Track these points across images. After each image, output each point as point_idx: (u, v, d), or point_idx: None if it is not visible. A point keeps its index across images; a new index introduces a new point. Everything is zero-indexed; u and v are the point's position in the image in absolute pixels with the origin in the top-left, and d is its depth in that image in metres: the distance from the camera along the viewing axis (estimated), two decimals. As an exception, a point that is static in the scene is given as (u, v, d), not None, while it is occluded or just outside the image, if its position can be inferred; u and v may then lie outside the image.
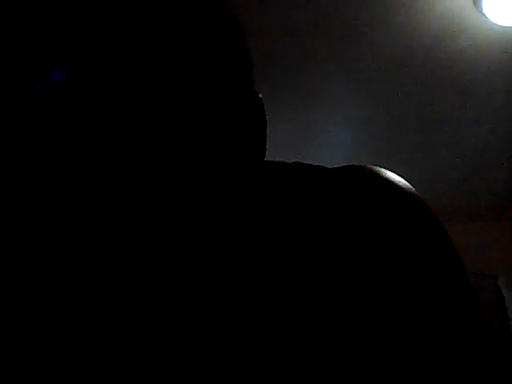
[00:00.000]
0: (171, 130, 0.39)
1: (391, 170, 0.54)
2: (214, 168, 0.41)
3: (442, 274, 0.48)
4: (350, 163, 0.55)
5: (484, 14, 2.10)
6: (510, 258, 3.34)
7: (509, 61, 2.35)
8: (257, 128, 0.47)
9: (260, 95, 0.49)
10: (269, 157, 0.52)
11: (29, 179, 0.38)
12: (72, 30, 0.38)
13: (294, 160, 0.56)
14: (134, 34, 0.39)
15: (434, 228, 0.50)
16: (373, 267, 0.47)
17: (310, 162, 0.55)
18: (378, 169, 0.53)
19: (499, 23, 2.14)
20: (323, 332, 0.46)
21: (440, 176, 3.13)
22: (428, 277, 0.48)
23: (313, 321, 0.46)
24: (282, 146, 2.74)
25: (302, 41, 2.25)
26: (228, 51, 0.44)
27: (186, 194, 0.40)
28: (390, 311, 0.46)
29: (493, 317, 3.09)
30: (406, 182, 0.53)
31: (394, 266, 0.47)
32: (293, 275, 0.47)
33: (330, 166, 0.55)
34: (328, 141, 2.87)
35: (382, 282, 0.47)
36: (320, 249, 0.48)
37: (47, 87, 0.37)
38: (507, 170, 3.08)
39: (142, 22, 0.39)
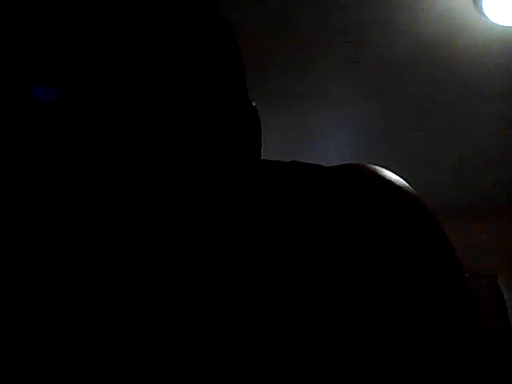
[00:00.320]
0: (165, 137, 0.39)
1: (390, 170, 0.53)
2: (209, 170, 0.41)
3: (439, 274, 0.48)
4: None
5: (484, 14, 2.10)
6: (509, 258, 3.34)
7: (509, 61, 2.35)
8: (250, 134, 0.47)
9: (254, 103, 0.49)
10: (269, 156, 0.52)
11: (24, 186, 0.38)
12: (55, 44, 0.38)
13: (294, 160, 0.56)
14: (124, 44, 0.39)
15: (430, 227, 0.50)
16: (369, 267, 0.47)
17: (309, 162, 0.55)
18: (374, 167, 0.53)
19: (499, 23, 2.14)
20: (322, 332, 0.46)
21: (440, 176, 3.13)
22: (425, 276, 0.47)
23: (312, 320, 0.46)
24: (282, 145, 2.74)
25: (302, 41, 2.25)
26: (221, 60, 0.44)
27: (183, 196, 0.40)
28: (387, 311, 0.46)
29: (492, 317, 3.09)
30: (403, 181, 0.53)
31: (390, 265, 0.47)
32: (290, 274, 0.47)
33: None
34: (328, 141, 2.88)
35: (379, 282, 0.47)
36: (317, 247, 0.48)
37: (30, 106, 0.37)
38: (507, 170, 3.08)
39: (133, 31, 0.39)
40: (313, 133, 2.80)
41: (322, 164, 0.55)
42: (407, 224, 0.49)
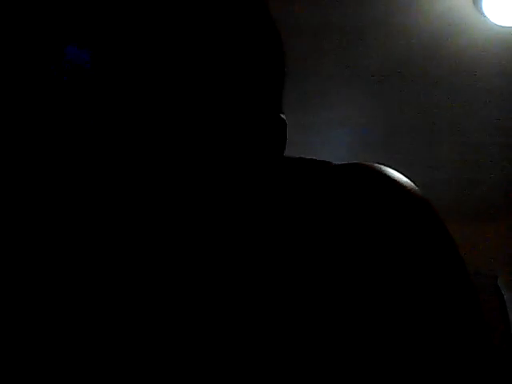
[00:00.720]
0: (186, 133, 0.39)
1: (392, 170, 0.54)
2: (220, 171, 0.41)
3: (443, 273, 0.48)
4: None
5: (484, 14, 2.10)
6: (509, 258, 3.34)
7: (509, 61, 2.35)
8: (272, 143, 0.47)
9: (283, 116, 0.50)
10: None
11: (33, 172, 0.38)
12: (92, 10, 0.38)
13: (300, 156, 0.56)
14: (162, 36, 0.38)
15: (436, 226, 0.50)
16: (375, 265, 0.47)
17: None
18: (381, 167, 0.53)
19: (499, 23, 2.14)
20: (324, 330, 0.46)
21: (440, 176, 3.13)
22: (429, 275, 0.48)
23: (314, 319, 0.46)
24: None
25: (302, 41, 2.25)
26: (262, 68, 0.45)
27: (189, 198, 0.40)
28: (390, 309, 0.46)
29: (493, 317, 3.09)
30: (409, 181, 0.53)
31: (396, 264, 0.47)
32: (295, 271, 0.47)
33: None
34: (328, 141, 2.87)
35: (384, 280, 0.47)
36: (322, 245, 0.48)
37: (62, 66, 0.36)
38: (507, 170, 3.08)
39: (175, 26, 0.39)
40: (312, 132, 2.80)
41: (317, 159, 0.55)
42: (412, 224, 0.49)
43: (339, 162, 0.55)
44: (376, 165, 0.53)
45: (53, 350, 0.41)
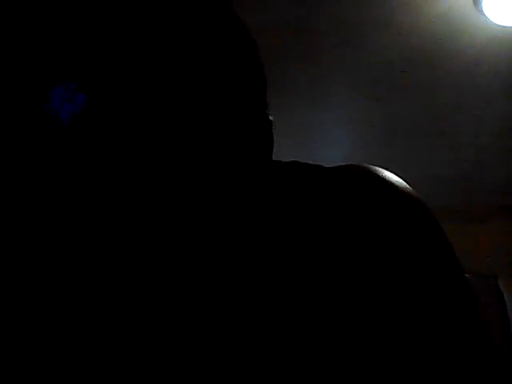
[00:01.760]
0: (177, 142, 0.39)
1: (390, 171, 0.53)
2: (214, 174, 0.41)
3: (438, 274, 0.48)
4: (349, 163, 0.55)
5: (484, 14, 2.10)
6: (510, 258, 3.34)
7: (509, 61, 2.35)
8: (260, 144, 0.47)
9: (271, 117, 0.49)
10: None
11: (30, 184, 0.38)
12: (73, 44, 0.38)
13: (293, 160, 0.56)
14: (141, 49, 0.39)
15: (431, 227, 0.50)
16: (370, 267, 0.47)
17: (308, 161, 0.55)
18: (375, 168, 0.53)
19: (499, 23, 2.14)
20: (322, 331, 0.46)
21: (440, 176, 3.13)
22: (425, 276, 0.48)
23: (311, 320, 0.46)
24: (282, 145, 2.74)
25: (302, 42, 2.25)
26: (241, 71, 0.45)
27: (187, 197, 0.40)
28: (386, 311, 0.46)
29: (492, 317, 3.09)
30: (403, 182, 0.53)
31: (390, 266, 0.47)
32: (290, 274, 0.47)
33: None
34: (328, 141, 2.88)
35: (379, 282, 0.47)
36: (317, 247, 0.48)
37: (50, 105, 0.37)
38: (507, 170, 3.08)
39: (151, 39, 0.39)
40: (312, 132, 2.81)
41: (322, 163, 0.55)
42: (407, 225, 0.49)
43: (336, 164, 0.55)
44: (369, 166, 0.53)
45: (52, 350, 0.41)
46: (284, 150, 2.55)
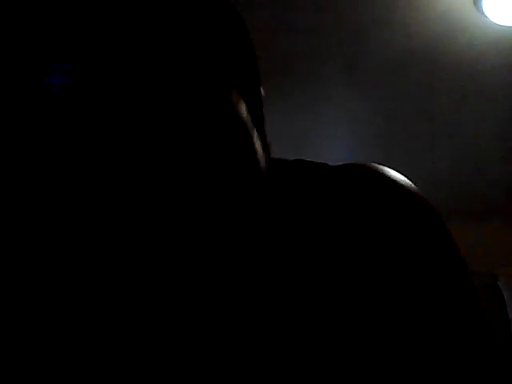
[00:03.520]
0: (172, 125, 0.39)
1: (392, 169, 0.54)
2: (210, 168, 0.41)
3: (443, 272, 0.48)
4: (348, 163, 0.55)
5: (484, 14, 2.10)
6: (510, 258, 3.34)
7: (509, 60, 2.35)
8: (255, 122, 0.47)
9: (262, 91, 0.49)
10: (268, 156, 0.52)
11: (30, 176, 0.38)
12: (72, 25, 0.38)
13: (299, 158, 0.56)
14: (135, 31, 0.38)
15: (436, 226, 0.50)
16: (375, 265, 0.47)
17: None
18: (380, 167, 0.53)
19: (499, 23, 2.15)
20: (325, 330, 0.46)
21: (440, 176, 3.13)
22: (430, 274, 0.48)
23: (315, 318, 0.46)
24: (282, 145, 2.74)
25: (302, 41, 2.25)
26: (233, 65, 0.44)
27: (191, 194, 0.40)
28: (391, 309, 0.46)
29: (493, 317, 3.09)
30: (408, 181, 0.53)
31: (396, 264, 0.47)
32: (294, 272, 0.47)
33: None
34: (328, 141, 2.88)
35: (384, 280, 0.47)
36: (322, 246, 0.48)
37: (48, 81, 0.37)
38: (507, 170, 3.08)
39: (145, 21, 0.39)
40: (312, 131, 2.81)
41: (315, 161, 0.55)
42: (412, 223, 0.49)
43: (338, 161, 0.55)
44: (374, 165, 0.53)
45: (53, 350, 0.41)
46: (283, 150, 2.55)
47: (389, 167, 0.54)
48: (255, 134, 0.45)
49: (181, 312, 0.42)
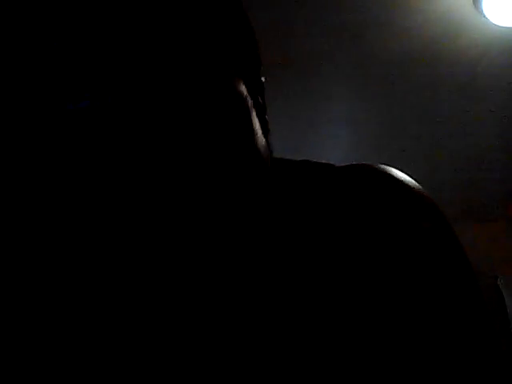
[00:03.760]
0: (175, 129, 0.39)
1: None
2: (215, 168, 0.41)
3: (448, 272, 0.48)
4: (350, 163, 0.55)
5: (484, 15, 2.10)
6: (510, 258, 3.33)
7: (509, 61, 2.35)
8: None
9: (263, 79, 0.49)
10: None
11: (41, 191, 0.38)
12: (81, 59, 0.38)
13: (305, 159, 0.56)
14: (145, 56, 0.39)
15: (441, 226, 0.50)
16: (381, 264, 0.47)
17: (310, 159, 0.55)
18: (385, 167, 0.53)
19: (499, 24, 2.14)
20: (327, 329, 0.46)
21: (439, 176, 3.13)
22: (435, 274, 0.48)
23: (317, 318, 0.46)
24: (282, 145, 2.73)
25: (302, 41, 2.25)
26: (237, 58, 0.44)
27: (191, 195, 0.40)
28: (396, 309, 0.47)
29: (493, 317, 3.08)
30: (413, 181, 0.53)
31: (402, 263, 0.47)
32: (298, 272, 0.47)
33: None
34: (328, 141, 2.87)
35: (390, 279, 0.47)
36: (329, 245, 0.48)
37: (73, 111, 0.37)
38: (507, 170, 3.08)
39: (148, 38, 0.39)
40: (312, 132, 2.80)
41: (322, 162, 0.55)
42: (418, 223, 0.49)
43: (338, 163, 0.55)
44: (381, 165, 0.53)
45: (52, 350, 0.41)
46: (283, 150, 2.55)
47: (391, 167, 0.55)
48: (254, 114, 0.45)
49: (180, 310, 0.43)
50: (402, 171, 0.54)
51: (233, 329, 0.45)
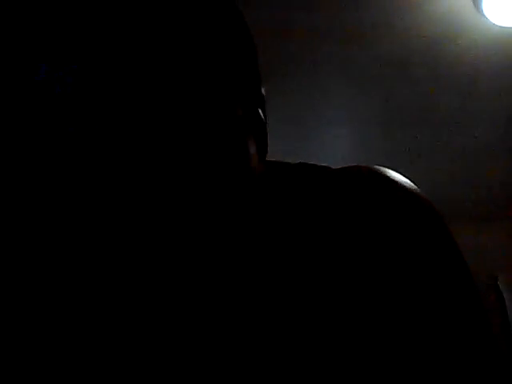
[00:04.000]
0: (171, 130, 0.39)
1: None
2: (213, 173, 0.41)
3: (446, 274, 0.48)
4: (350, 163, 0.55)
5: (484, 15, 2.10)
6: (510, 257, 3.34)
7: (509, 61, 2.35)
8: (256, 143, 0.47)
9: (263, 90, 0.49)
10: (268, 157, 0.52)
11: (29, 175, 0.38)
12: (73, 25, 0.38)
13: (293, 160, 0.56)
14: (138, 34, 0.38)
15: (438, 227, 0.50)
16: (378, 266, 0.47)
17: (307, 160, 0.55)
18: (382, 169, 0.53)
19: (499, 24, 2.14)
20: (326, 330, 0.46)
21: (440, 176, 3.13)
22: (432, 276, 0.48)
23: (315, 319, 0.46)
24: (282, 145, 2.74)
25: (302, 41, 2.25)
26: (236, 68, 0.44)
27: (188, 197, 0.40)
28: (393, 310, 0.47)
29: (493, 317, 3.09)
30: (410, 183, 0.53)
31: (399, 265, 0.47)
32: (296, 275, 0.47)
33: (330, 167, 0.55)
34: (327, 141, 2.87)
35: (387, 281, 0.47)
36: (326, 248, 0.48)
37: (46, 79, 0.37)
38: (507, 170, 3.08)
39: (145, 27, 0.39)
40: (312, 132, 2.80)
41: (321, 163, 0.55)
42: (415, 225, 0.49)
43: (338, 163, 0.55)
44: (376, 167, 0.53)
45: (52, 350, 0.41)
46: (283, 150, 2.55)
47: (388, 166, 0.55)
48: (250, 138, 0.45)
49: (178, 310, 0.43)
50: (402, 171, 0.54)
51: (232, 329, 0.45)
